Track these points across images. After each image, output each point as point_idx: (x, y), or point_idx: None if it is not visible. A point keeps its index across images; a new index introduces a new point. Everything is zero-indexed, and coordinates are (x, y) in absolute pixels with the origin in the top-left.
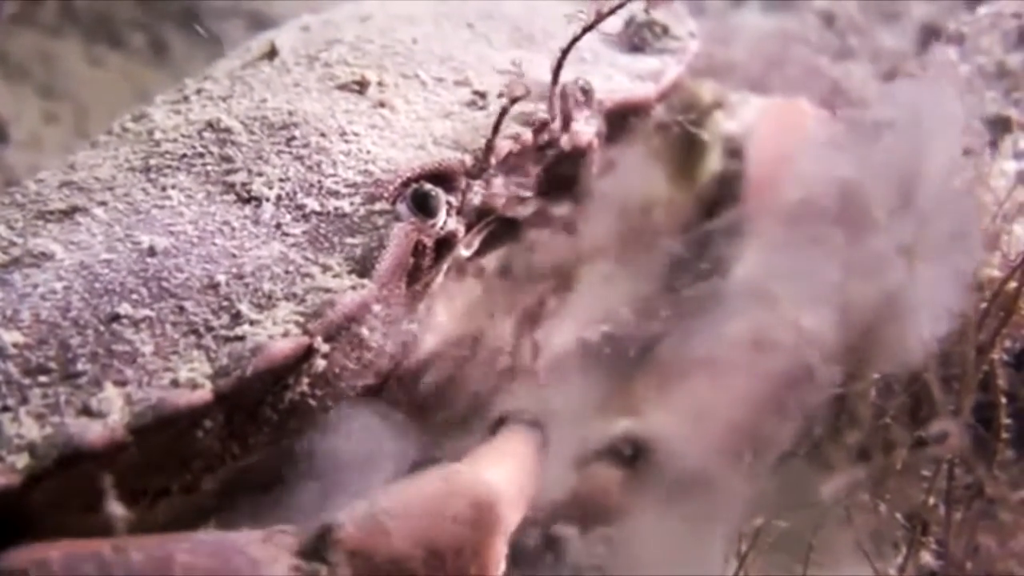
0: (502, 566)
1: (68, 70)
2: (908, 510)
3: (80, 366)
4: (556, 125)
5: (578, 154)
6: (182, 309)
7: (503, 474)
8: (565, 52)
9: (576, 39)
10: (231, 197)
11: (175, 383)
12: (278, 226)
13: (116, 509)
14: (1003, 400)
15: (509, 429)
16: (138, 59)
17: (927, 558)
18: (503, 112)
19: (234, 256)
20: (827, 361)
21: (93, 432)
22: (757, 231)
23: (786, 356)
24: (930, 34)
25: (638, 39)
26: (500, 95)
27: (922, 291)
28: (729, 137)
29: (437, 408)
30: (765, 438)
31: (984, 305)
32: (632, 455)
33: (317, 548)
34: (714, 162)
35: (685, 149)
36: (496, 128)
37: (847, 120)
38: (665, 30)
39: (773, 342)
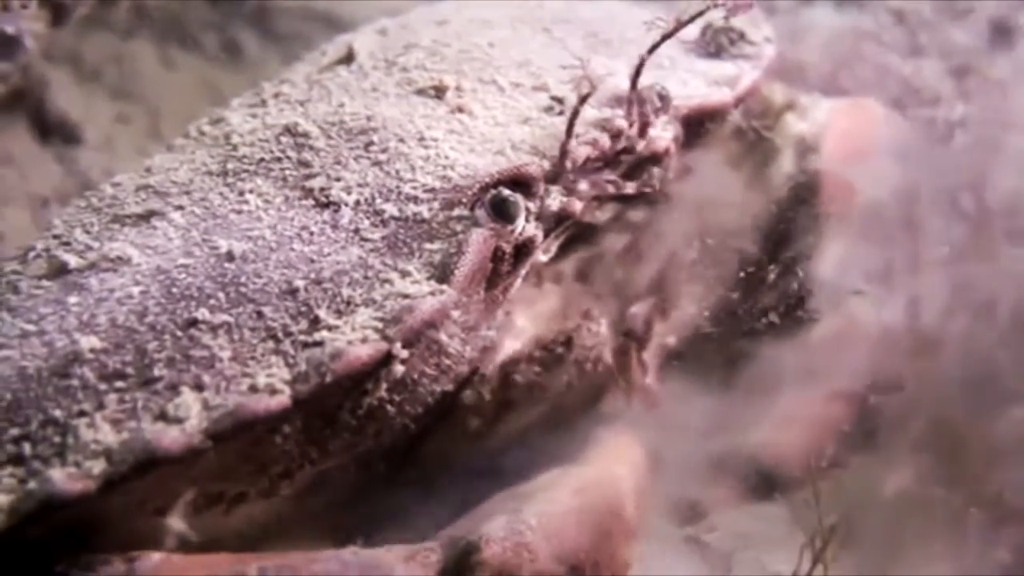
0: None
1: (140, 72)
2: (983, 505)
3: (157, 371)
4: (634, 131)
5: (655, 159)
6: (260, 314)
7: (627, 477)
8: (643, 59)
9: (656, 46)
10: (309, 202)
11: (253, 389)
12: (356, 231)
13: (176, 523)
14: None
15: (617, 429)
16: (210, 60)
17: (1002, 554)
18: (575, 113)
19: (312, 261)
20: (905, 356)
21: (170, 438)
22: (834, 230)
23: (868, 353)
24: (1001, 30)
25: (714, 45)
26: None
27: (996, 285)
28: (800, 138)
29: (524, 412)
30: (846, 436)
31: None
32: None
33: (461, 567)
34: (786, 164)
35: (758, 151)
36: (570, 130)
37: (918, 119)
38: (742, 35)
39: (855, 340)
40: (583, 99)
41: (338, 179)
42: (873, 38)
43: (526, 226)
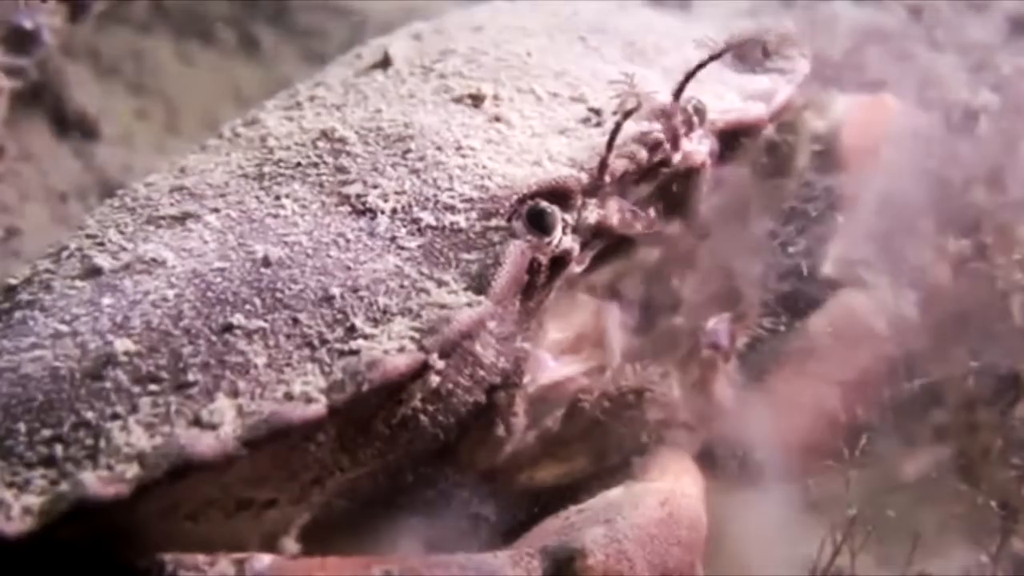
0: None
1: (159, 67)
2: (1000, 497)
3: (192, 376)
4: (670, 145)
5: (691, 173)
6: (296, 321)
7: (699, 493)
8: (686, 78)
9: (700, 66)
10: (346, 209)
11: (289, 396)
12: (393, 240)
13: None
14: None
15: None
16: (228, 55)
17: (1019, 545)
18: (617, 127)
19: (349, 269)
20: (918, 346)
21: (204, 444)
22: (848, 223)
23: (878, 342)
24: (1018, 25)
25: (749, 58)
26: (615, 112)
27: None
28: (818, 136)
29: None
30: (856, 425)
31: None
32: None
33: (565, 574)
34: (803, 162)
35: (777, 151)
36: (610, 144)
37: (936, 110)
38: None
39: (865, 329)
40: (627, 115)
41: (375, 186)
42: (890, 33)
43: (563, 238)
